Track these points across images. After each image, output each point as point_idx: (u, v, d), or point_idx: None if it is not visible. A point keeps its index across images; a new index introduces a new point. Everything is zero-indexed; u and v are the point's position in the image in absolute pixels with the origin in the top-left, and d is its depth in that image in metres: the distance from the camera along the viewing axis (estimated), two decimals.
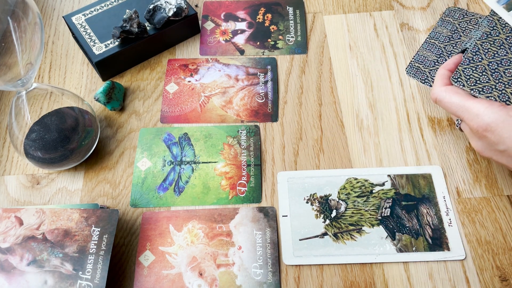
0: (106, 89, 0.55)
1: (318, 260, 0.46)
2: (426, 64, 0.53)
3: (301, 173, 0.51)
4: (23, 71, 0.44)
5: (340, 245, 0.46)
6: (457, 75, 0.47)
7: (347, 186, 0.50)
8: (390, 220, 0.47)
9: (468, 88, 0.46)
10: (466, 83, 0.46)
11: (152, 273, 0.46)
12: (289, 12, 0.64)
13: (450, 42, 0.53)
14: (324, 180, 0.50)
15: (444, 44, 0.53)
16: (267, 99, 0.57)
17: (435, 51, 0.53)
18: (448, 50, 0.53)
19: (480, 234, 0.47)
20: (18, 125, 0.49)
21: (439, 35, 0.54)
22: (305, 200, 0.49)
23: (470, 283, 0.44)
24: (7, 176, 0.52)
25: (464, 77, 0.46)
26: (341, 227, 0.47)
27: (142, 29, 0.57)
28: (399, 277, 0.45)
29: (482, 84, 0.46)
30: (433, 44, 0.54)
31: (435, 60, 0.53)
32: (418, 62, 0.53)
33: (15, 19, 0.41)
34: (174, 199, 0.50)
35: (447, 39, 0.54)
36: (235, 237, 0.47)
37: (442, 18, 0.56)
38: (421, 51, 0.54)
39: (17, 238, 0.44)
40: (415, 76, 0.52)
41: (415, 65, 0.53)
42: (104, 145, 0.54)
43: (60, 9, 0.66)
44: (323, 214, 0.48)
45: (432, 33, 0.55)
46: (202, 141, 0.54)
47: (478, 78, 0.46)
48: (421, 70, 0.52)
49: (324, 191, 0.50)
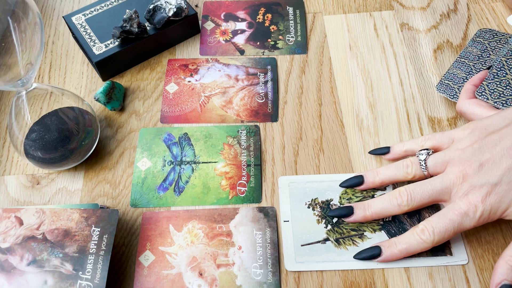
0: (106, 89, 0.55)
1: (320, 266, 0.45)
2: (455, 81, 0.54)
3: (302, 177, 0.51)
4: (23, 71, 0.44)
5: (342, 251, 0.46)
6: (481, 89, 0.50)
7: (349, 191, 0.49)
8: (392, 225, 0.47)
9: (492, 101, 0.49)
10: (490, 96, 0.48)
11: (152, 273, 0.46)
12: (289, 12, 0.64)
13: (479, 61, 0.55)
14: (325, 184, 0.50)
15: (473, 62, 0.55)
16: (267, 99, 0.57)
17: (464, 69, 0.54)
18: (477, 68, 0.54)
19: (480, 234, 0.47)
20: (18, 125, 0.49)
21: (469, 54, 0.56)
22: (307, 205, 0.49)
23: (470, 283, 0.44)
24: (7, 176, 0.52)
25: (488, 91, 0.49)
26: (343, 233, 0.47)
27: (142, 29, 0.57)
28: (399, 277, 0.45)
29: (506, 97, 0.48)
30: (463, 62, 0.55)
31: (464, 77, 0.54)
32: (448, 80, 0.54)
33: (15, 19, 0.41)
34: (174, 199, 0.50)
35: (477, 58, 0.55)
36: (235, 237, 0.47)
37: (473, 39, 0.57)
38: (452, 69, 0.55)
39: (17, 238, 0.44)
40: (445, 93, 0.54)
41: (445, 82, 0.54)
42: (104, 145, 0.54)
43: (60, 9, 0.66)
44: (325, 220, 0.48)
45: (463, 52, 0.56)
46: (202, 141, 0.54)
47: (502, 92, 0.49)
48: (450, 86, 0.54)
49: (325, 196, 0.49)
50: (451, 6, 0.63)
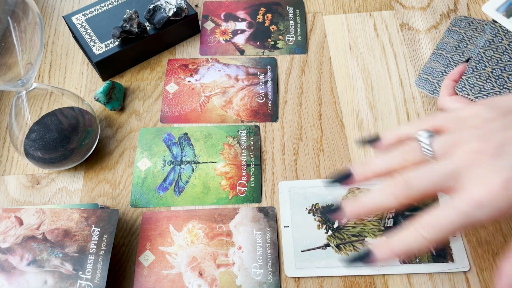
0: (106, 89, 0.55)
1: (320, 272, 0.45)
2: (434, 75, 0.52)
3: (303, 182, 0.51)
4: (23, 71, 0.44)
5: (343, 257, 0.46)
6: (461, 85, 0.47)
7: (350, 195, 0.49)
8: (394, 230, 0.47)
9: (473, 96, 0.46)
10: (471, 91, 0.46)
11: (152, 273, 0.46)
12: (289, 12, 0.64)
13: (457, 52, 0.53)
14: (326, 189, 0.50)
15: (451, 54, 0.53)
16: (267, 99, 0.57)
17: (443, 62, 0.53)
18: (455, 60, 0.53)
19: (480, 234, 0.47)
20: (18, 125, 0.49)
21: (446, 46, 0.54)
22: (307, 210, 0.49)
23: (470, 283, 0.44)
24: (7, 176, 0.52)
25: (468, 86, 0.47)
26: (344, 238, 0.47)
27: (142, 29, 0.57)
28: (399, 278, 0.45)
29: (487, 91, 0.46)
30: (441, 54, 0.54)
31: (443, 71, 0.52)
32: (427, 74, 0.53)
33: (15, 19, 0.41)
34: (174, 199, 0.50)
35: (454, 49, 0.54)
36: (235, 237, 0.47)
37: (449, 29, 0.56)
38: (429, 62, 0.54)
39: (17, 238, 0.44)
40: (424, 88, 0.53)
41: (424, 76, 0.53)
42: (104, 145, 0.54)
43: (60, 9, 0.66)
44: (325, 225, 0.48)
45: (440, 44, 0.55)
46: (202, 141, 0.54)
47: (482, 86, 0.47)
48: (429, 81, 0.52)
49: (326, 201, 0.49)
50: (451, 6, 0.63)
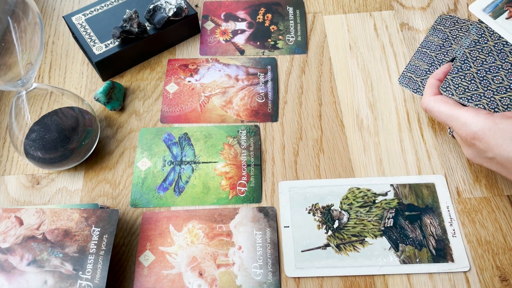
0: (106, 89, 0.55)
1: (321, 272, 0.45)
2: (417, 74, 0.52)
3: (303, 182, 0.50)
4: (23, 71, 0.44)
5: (343, 257, 0.46)
6: (446, 85, 0.47)
7: (350, 196, 0.49)
8: (393, 231, 0.47)
9: (457, 97, 0.46)
10: (455, 92, 0.46)
11: (152, 273, 0.46)
12: (289, 12, 0.64)
13: (441, 51, 0.53)
14: (326, 189, 0.50)
15: (435, 53, 0.53)
16: (267, 99, 0.57)
17: (427, 60, 0.53)
18: (439, 58, 0.53)
19: (480, 234, 0.47)
20: (18, 125, 0.49)
21: (431, 44, 0.54)
22: (307, 210, 0.49)
23: (470, 283, 0.44)
24: (7, 176, 0.52)
25: (453, 86, 0.46)
26: (344, 238, 0.47)
27: (142, 29, 0.57)
28: (399, 278, 0.45)
29: (471, 92, 0.46)
30: (425, 53, 0.54)
31: (427, 70, 0.52)
32: (410, 72, 0.53)
33: (15, 19, 0.41)
34: (174, 199, 0.50)
35: (438, 47, 0.53)
36: (235, 237, 0.47)
37: (434, 27, 0.56)
38: (413, 60, 0.54)
39: (17, 238, 0.44)
40: (407, 86, 0.52)
41: (407, 75, 0.53)
42: (104, 145, 0.54)
43: (60, 9, 0.66)
44: (325, 225, 0.48)
45: (424, 42, 0.55)
46: (202, 141, 0.54)
47: (467, 87, 0.46)
48: (413, 79, 0.52)
49: (326, 201, 0.49)
50: (451, 6, 0.63)
